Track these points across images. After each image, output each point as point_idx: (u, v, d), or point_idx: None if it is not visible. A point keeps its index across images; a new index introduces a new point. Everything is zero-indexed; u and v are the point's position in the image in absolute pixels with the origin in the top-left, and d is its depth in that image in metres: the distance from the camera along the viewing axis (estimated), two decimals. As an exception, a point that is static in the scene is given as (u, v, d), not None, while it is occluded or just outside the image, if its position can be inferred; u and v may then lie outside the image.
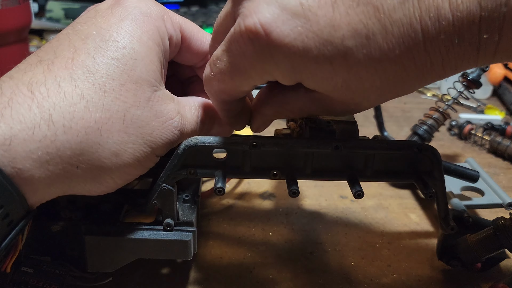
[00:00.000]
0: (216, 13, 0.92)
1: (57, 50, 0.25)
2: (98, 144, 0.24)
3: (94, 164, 0.25)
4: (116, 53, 0.26)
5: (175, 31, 0.30)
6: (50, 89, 0.23)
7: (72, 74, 0.24)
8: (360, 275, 0.38)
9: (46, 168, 0.23)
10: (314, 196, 0.48)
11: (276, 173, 0.30)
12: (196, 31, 0.32)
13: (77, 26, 0.27)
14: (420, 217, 0.46)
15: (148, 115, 0.26)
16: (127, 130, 0.25)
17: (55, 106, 0.23)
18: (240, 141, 0.29)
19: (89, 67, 0.25)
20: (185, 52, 0.32)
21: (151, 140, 0.27)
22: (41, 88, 0.23)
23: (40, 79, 0.24)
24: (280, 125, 0.55)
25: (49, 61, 0.25)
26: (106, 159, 0.25)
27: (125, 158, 0.26)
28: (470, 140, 0.62)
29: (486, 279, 0.37)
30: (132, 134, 0.26)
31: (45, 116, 0.23)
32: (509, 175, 0.54)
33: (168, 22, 0.29)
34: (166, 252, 0.31)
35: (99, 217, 0.32)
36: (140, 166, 0.27)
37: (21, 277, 0.30)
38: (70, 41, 0.26)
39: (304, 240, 0.41)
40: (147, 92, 0.27)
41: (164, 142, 0.28)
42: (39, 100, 0.23)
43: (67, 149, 0.23)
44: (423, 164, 0.31)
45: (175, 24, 0.30)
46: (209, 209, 0.45)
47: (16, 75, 0.24)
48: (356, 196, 0.29)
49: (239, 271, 0.37)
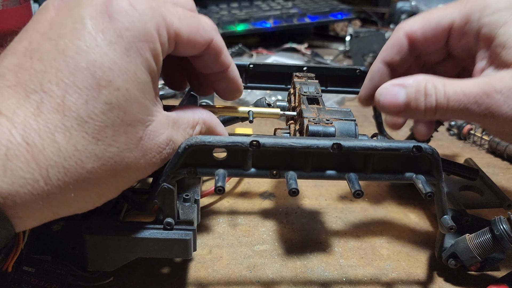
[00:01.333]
0: (216, 13, 0.92)
1: (43, 81, 0.23)
2: (86, 190, 0.25)
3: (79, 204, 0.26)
4: (110, 96, 0.24)
5: (170, 42, 0.27)
6: (44, 140, 0.23)
7: (65, 122, 0.23)
8: (359, 275, 0.38)
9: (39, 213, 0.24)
10: (314, 196, 0.48)
11: (276, 173, 0.30)
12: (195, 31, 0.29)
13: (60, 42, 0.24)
14: (419, 217, 0.46)
15: (137, 155, 0.26)
16: (115, 174, 0.26)
17: (50, 161, 0.23)
18: (240, 141, 0.29)
19: (82, 115, 0.23)
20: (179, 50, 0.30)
21: (136, 176, 0.27)
22: (34, 138, 0.22)
23: (33, 125, 0.22)
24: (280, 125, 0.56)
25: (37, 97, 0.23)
26: (91, 199, 0.26)
27: (108, 195, 0.27)
28: (469, 140, 0.62)
29: (485, 279, 0.37)
30: (119, 176, 0.26)
31: (43, 172, 0.23)
32: (508, 175, 0.54)
33: (163, 35, 0.26)
34: (166, 251, 0.31)
35: (100, 216, 0.32)
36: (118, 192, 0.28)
37: (22, 276, 0.30)
38: (57, 72, 0.23)
39: (304, 239, 0.42)
40: (139, 132, 0.26)
41: (148, 173, 0.28)
42: (35, 153, 0.22)
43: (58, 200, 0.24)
44: (422, 164, 0.31)
45: (170, 35, 0.27)
46: (209, 209, 0.46)
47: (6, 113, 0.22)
48: (356, 196, 0.29)
49: (239, 271, 0.37)
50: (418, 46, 0.37)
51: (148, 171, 0.28)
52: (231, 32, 0.89)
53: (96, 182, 0.25)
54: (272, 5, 0.99)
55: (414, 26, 0.36)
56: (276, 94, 0.71)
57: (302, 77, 0.42)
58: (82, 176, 0.24)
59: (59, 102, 0.23)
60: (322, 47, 1.03)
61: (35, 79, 0.23)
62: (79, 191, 0.24)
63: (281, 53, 0.91)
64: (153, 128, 0.27)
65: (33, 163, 0.22)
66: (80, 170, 0.24)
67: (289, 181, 0.29)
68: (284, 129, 0.38)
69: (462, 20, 0.34)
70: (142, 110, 0.26)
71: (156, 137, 0.27)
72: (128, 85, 0.25)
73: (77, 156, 0.23)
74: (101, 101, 0.24)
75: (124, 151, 0.25)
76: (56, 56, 0.24)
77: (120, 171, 0.26)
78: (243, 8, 0.97)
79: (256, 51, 0.92)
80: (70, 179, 0.24)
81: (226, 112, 0.37)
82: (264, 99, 0.41)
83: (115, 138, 0.25)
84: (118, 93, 0.24)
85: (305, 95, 0.37)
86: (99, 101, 0.24)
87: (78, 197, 0.25)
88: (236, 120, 0.42)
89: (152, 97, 0.27)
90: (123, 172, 0.26)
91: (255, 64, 0.45)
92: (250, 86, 0.46)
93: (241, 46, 0.92)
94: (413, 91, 0.32)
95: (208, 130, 0.32)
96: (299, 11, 0.95)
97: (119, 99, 0.24)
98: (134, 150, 0.26)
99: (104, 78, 0.24)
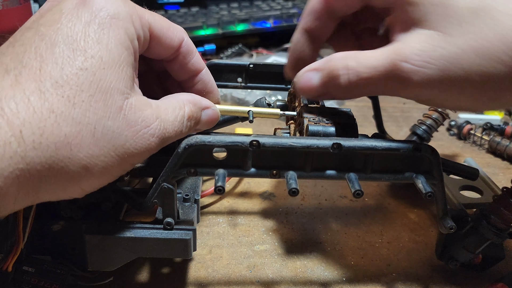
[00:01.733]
0: (216, 13, 0.92)
1: (24, 58, 0.25)
2: (68, 158, 0.24)
3: (63, 177, 0.25)
4: (85, 63, 0.25)
5: (144, 31, 0.30)
6: (19, 104, 0.23)
7: (41, 87, 0.24)
8: (359, 275, 0.38)
9: (16, 183, 0.23)
10: (314, 196, 0.48)
11: (276, 173, 0.30)
12: (166, 28, 0.31)
13: (41, 28, 0.26)
14: (419, 216, 0.46)
15: (120, 125, 0.26)
16: (98, 143, 0.25)
17: (24, 122, 0.23)
18: (240, 140, 0.29)
19: (57, 79, 0.24)
20: (153, 48, 0.32)
21: (124, 152, 0.26)
22: (10, 104, 0.23)
23: (9, 93, 0.23)
24: (280, 125, 0.56)
25: (17, 71, 0.24)
26: (76, 173, 0.25)
27: (95, 171, 0.26)
28: (469, 140, 0.62)
29: (485, 279, 0.37)
30: (104, 147, 0.25)
31: (16, 133, 0.23)
32: (508, 175, 0.54)
33: (136, 22, 0.29)
34: (166, 251, 0.31)
35: (100, 216, 0.32)
36: (111, 176, 0.27)
37: (22, 276, 0.30)
38: (36, 49, 0.25)
39: (304, 239, 0.42)
40: (118, 101, 0.26)
41: (139, 151, 0.27)
42: (9, 116, 0.23)
43: (37, 164, 0.23)
44: (422, 164, 0.31)
45: (144, 23, 0.30)
46: (209, 209, 0.46)
47: None
48: (356, 196, 0.29)
49: (239, 271, 0.37)
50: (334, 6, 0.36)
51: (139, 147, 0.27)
52: (231, 32, 0.89)
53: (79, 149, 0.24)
54: (272, 5, 0.99)
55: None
56: (276, 94, 0.71)
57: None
58: (60, 140, 0.24)
59: (35, 72, 0.24)
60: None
61: (16, 59, 0.25)
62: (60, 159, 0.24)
63: (281, 53, 0.91)
64: (133, 102, 0.27)
65: (6, 126, 0.22)
66: (57, 132, 0.24)
67: (289, 181, 0.29)
68: (284, 129, 0.38)
69: None
70: (119, 81, 0.26)
71: (139, 111, 0.27)
72: (102, 54, 0.26)
73: (53, 118, 0.24)
74: (76, 66, 0.25)
75: (104, 119, 0.25)
76: (35, 39, 0.26)
77: (104, 141, 0.25)
78: (243, 8, 0.97)
79: (256, 51, 0.92)
80: (47, 141, 0.23)
81: (226, 112, 0.37)
82: (264, 99, 0.41)
83: (92, 104, 0.25)
84: (93, 60, 0.25)
85: (305, 95, 0.37)
86: (74, 66, 0.25)
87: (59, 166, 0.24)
88: (236, 120, 0.42)
89: (130, 75, 0.28)
90: (108, 143, 0.26)
91: (255, 64, 0.45)
92: (250, 86, 0.46)
93: (241, 46, 0.92)
94: (326, 73, 0.32)
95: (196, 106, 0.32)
96: (299, 11, 0.95)
97: (94, 65, 0.25)
98: (116, 119, 0.26)
99: (79, 48, 0.25)
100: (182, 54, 0.33)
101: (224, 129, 0.43)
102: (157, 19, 0.31)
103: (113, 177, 0.27)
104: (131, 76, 0.28)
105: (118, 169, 0.27)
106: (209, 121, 0.33)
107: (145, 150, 0.28)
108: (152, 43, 0.31)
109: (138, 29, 0.29)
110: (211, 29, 0.87)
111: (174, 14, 0.92)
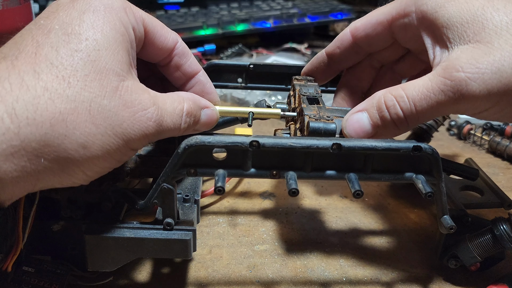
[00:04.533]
0: (216, 13, 0.92)
1: (21, 46, 0.26)
2: (64, 135, 0.24)
3: (61, 156, 0.25)
4: (79, 45, 0.26)
5: (138, 24, 0.30)
6: (13, 83, 0.23)
7: (36, 68, 0.24)
8: (359, 275, 0.38)
9: (11, 161, 0.23)
10: (314, 196, 0.48)
11: (276, 173, 0.30)
12: (160, 27, 0.32)
13: (40, 21, 0.27)
14: (419, 216, 0.46)
15: (116, 104, 0.26)
16: (95, 121, 0.25)
17: (18, 99, 0.23)
18: (240, 141, 0.29)
19: (52, 60, 0.25)
20: (148, 48, 0.32)
21: (122, 132, 0.26)
22: (4, 83, 0.23)
23: (4, 75, 0.24)
24: (280, 125, 0.56)
25: (13, 56, 0.25)
26: (73, 151, 0.25)
27: (94, 150, 0.26)
28: (469, 140, 0.62)
29: (485, 279, 0.37)
30: (100, 125, 0.25)
31: (8, 109, 0.23)
32: (508, 175, 0.54)
33: (130, 14, 0.29)
34: (166, 251, 0.31)
35: (100, 216, 0.32)
36: (111, 158, 0.27)
37: (22, 276, 0.30)
38: (33, 36, 0.26)
39: (304, 239, 0.42)
40: (113, 82, 0.26)
41: (137, 134, 0.27)
42: (3, 95, 0.23)
43: (31, 141, 0.23)
44: (422, 164, 0.31)
45: (137, 17, 0.30)
46: (209, 209, 0.46)
47: None
48: (356, 196, 0.29)
49: (239, 271, 0.37)
50: (362, 42, 0.38)
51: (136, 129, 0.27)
52: (231, 32, 0.89)
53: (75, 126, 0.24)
54: (272, 5, 0.99)
55: (357, 24, 0.38)
56: (276, 95, 0.71)
57: (301, 80, 0.42)
58: (55, 116, 0.24)
59: (31, 56, 0.25)
60: (322, 47, 1.03)
61: (14, 46, 0.26)
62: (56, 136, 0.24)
63: (281, 53, 0.91)
64: (130, 84, 0.27)
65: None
66: (52, 109, 0.24)
67: (289, 181, 0.29)
68: (284, 129, 0.38)
69: (399, 14, 0.35)
70: (114, 62, 0.27)
71: (136, 93, 0.27)
72: (97, 37, 0.27)
73: (47, 96, 0.24)
74: (71, 48, 0.26)
75: (100, 97, 0.26)
76: (33, 28, 0.27)
77: (101, 119, 0.25)
78: (243, 8, 0.97)
79: (256, 51, 0.92)
80: (41, 118, 0.23)
81: (226, 113, 0.37)
82: (264, 101, 0.41)
83: (88, 83, 0.25)
84: (87, 42, 0.26)
85: (305, 95, 0.37)
86: (69, 48, 0.25)
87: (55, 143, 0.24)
88: (236, 121, 0.42)
89: (126, 60, 0.28)
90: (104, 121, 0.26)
91: (255, 64, 0.45)
92: (250, 86, 0.46)
93: (241, 46, 0.92)
94: (374, 110, 0.31)
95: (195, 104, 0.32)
96: (299, 11, 0.95)
97: (88, 47, 0.26)
98: (112, 98, 0.26)
99: (74, 32, 0.26)
100: (177, 56, 0.33)
101: (224, 129, 0.43)
102: (151, 17, 0.31)
103: (115, 161, 0.27)
104: (127, 61, 0.28)
105: (118, 152, 0.27)
106: (208, 121, 0.33)
107: (144, 134, 0.28)
108: (147, 39, 0.31)
109: (132, 21, 0.29)
110: (211, 29, 0.87)
111: (174, 14, 0.92)
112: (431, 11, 0.32)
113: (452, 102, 0.29)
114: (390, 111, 0.31)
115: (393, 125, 0.31)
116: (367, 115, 0.32)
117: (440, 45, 0.32)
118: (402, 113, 0.30)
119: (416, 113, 0.30)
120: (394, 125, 0.31)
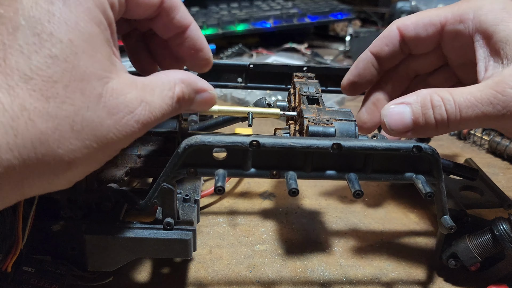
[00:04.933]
0: (216, 13, 0.92)
1: None
2: (47, 155, 0.23)
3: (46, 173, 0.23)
4: (53, 49, 0.22)
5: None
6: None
7: (9, 81, 0.22)
8: (359, 275, 0.38)
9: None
10: (314, 196, 0.48)
11: (276, 173, 0.30)
12: None
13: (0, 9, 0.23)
14: (419, 216, 0.46)
15: (101, 114, 0.24)
16: (79, 136, 0.23)
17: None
18: (240, 141, 0.29)
19: (25, 71, 0.22)
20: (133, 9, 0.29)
21: (108, 141, 0.25)
22: None
23: None
24: (280, 125, 0.55)
25: None
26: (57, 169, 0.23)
27: (78, 163, 0.24)
28: (469, 140, 0.62)
29: (485, 279, 0.37)
30: (85, 139, 0.24)
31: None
32: (508, 175, 0.54)
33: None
34: (166, 251, 0.31)
35: (100, 216, 0.32)
36: (95, 163, 0.26)
37: (22, 277, 0.30)
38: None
39: (304, 239, 0.42)
40: (96, 88, 0.24)
41: (124, 139, 0.25)
42: None
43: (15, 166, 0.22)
44: (422, 164, 0.31)
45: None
46: (209, 209, 0.46)
47: None
48: (356, 196, 0.29)
49: (239, 271, 0.37)
50: (409, 41, 0.37)
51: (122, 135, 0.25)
52: (231, 32, 0.89)
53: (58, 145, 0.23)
54: (272, 5, 0.99)
55: (407, 21, 0.37)
56: (276, 94, 0.71)
57: (302, 77, 0.42)
58: (36, 137, 0.22)
59: (0, 64, 0.22)
60: (322, 47, 1.03)
61: None
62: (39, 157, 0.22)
63: (281, 53, 0.91)
64: (114, 86, 0.25)
65: None
66: (33, 130, 0.22)
67: (289, 181, 0.29)
68: (284, 129, 0.38)
69: (455, 19, 0.34)
70: (95, 64, 0.24)
71: (121, 96, 0.25)
72: (71, 36, 0.23)
73: (26, 116, 0.22)
74: (45, 54, 0.22)
75: (83, 110, 0.23)
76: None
77: (85, 134, 0.23)
78: (243, 8, 0.97)
79: (256, 51, 0.92)
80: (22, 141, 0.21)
81: (226, 112, 0.37)
82: (264, 99, 0.41)
83: (69, 95, 0.23)
84: (62, 45, 0.23)
85: (305, 95, 0.37)
86: (42, 55, 0.22)
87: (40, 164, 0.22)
88: (236, 120, 0.42)
89: (107, 53, 0.25)
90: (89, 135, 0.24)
91: (255, 64, 0.45)
92: (250, 86, 0.46)
93: (241, 46, 0.92)
94: (418, 106, 0.31)
95: (189, 87, 0.30)
96: (299, 11, 0.95)
97: (64, 51, 0.23)
98: (96, 108, 0.24)
99: (44, 31, 0.22)
100: (166, 10, 0.30)
101: (224, 129, 0.43)
102: None
103: (98, 164, 0.26)
104: (108, 55, 0.25)
105: (103, 155, 0.25)
106: (203, 102, 0.31)
107: (129, 136, 0.26)
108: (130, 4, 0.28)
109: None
110: (211, 29, 0.87)
111: (174, 14, 0.92)
112: (491, 22, 0.32)
113: (499, 116, 0.29)
114: (435, 111, 0.30)
115: (434, 126, 0.31)
116: (410, 109, 0.31)
117: (494, 58, 0.32)
118: (446, 115, 0.30)
119: (460, 119, 0.30)
120: (435, 125, 0.31)
